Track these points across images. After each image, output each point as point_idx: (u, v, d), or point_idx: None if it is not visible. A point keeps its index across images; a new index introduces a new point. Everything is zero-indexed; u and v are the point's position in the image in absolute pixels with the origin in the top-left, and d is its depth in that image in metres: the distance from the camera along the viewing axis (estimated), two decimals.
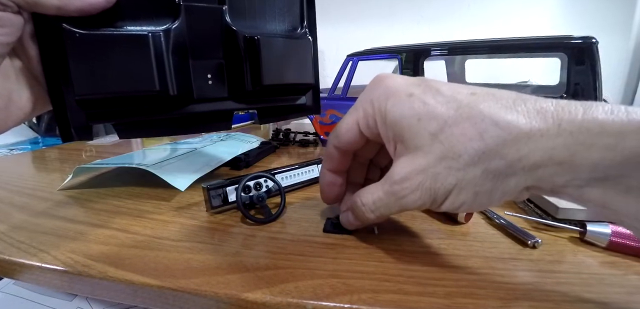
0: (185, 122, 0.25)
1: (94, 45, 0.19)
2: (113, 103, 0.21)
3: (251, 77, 0.24)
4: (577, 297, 0.18)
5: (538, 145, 0.15)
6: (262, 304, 0.18)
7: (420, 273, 0.20)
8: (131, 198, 0.34)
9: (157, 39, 0.20)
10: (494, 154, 0.16)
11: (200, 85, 0.24)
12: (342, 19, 0.96)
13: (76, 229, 0.27)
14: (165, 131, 0.25)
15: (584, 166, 0.14)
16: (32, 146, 0.66)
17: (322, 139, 0.55)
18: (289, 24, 0.27)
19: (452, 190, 0.17)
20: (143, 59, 0.20)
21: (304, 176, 0.35)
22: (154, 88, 0.20)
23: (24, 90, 0.20)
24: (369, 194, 0.21)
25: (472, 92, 0.17)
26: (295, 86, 0.28)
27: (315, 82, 0.29)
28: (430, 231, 0.26)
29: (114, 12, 0.20)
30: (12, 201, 0.34)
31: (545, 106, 0.15)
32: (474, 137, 0.16)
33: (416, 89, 0.18)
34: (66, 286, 0.22)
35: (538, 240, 0.23)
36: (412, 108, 0.18)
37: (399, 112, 0.18)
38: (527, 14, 0.86)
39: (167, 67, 0.21)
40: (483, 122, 0.16)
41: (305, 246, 0.24)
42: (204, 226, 0.27)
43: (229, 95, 0.25)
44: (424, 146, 0.17)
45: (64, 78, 0.20)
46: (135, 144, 0.65)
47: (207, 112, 0.25)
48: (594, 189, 0.14)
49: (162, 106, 0.23)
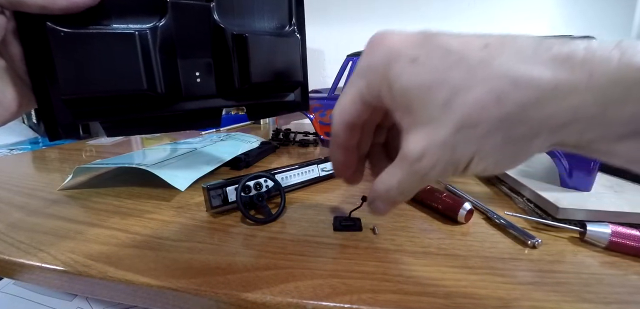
0: (174, 120, 0.25)
1: (79, 43, 0.19)
2: (100, 102, 0.21)
3: (239, 75, 0.24)
4: (577, 297, 0.18)
5: (565, 103, 0.13)
6: (262, 304, 0.18)
7: (420, 273, 0.20)
8: (131, 198, 0.34)
9: (144, 37, 0.20)
10: (515, 120, 0.14)
11: (189, 83, 0.23)
12: (342, 19, 0.96)
13: (76, 229, 0.27)
14: (154, 128, 0.25)
15: (617, 121, 0.13)
16: (32, 146, 0.66)
17: (322, 139, 0.55)
18: (277, 21, 0.27)
19: (472, 158, 0.16)
20: (130, 57, 0.20)
21: (304, 176, 0.35)
22: (141, 87, 0.20)
23: (9, 89, 0.19)
24: (391, 178, 0.18)
25: (485, 44, 0.15)
26: (283, 83, 0.28)
27: (303, 79, 0.29)
28: (430, 231, 0.26)
29: (99, 10, 0.19)
30: (12, 201, 0.34)
31: (574, 49, 0.13)
32: (491, 104, 0.14)
33: (421, 50, 0.16)
34: (66, 286, 0.22)
35: (538, 240, 0.23)
36: (419, 75, 0.16)
37: (406, 82, 0.16)
38: (527, 14, 0.86)
39: (154, 66, 0.21)
40: (500, 83, 0.14)
41: (305, 246, 0.24)
42: (204, 226, 0.27)
43: (218, 93, 0.25)
44: (436, 117, 0.15)
45: (50, 76, 0.19)
46: (135, 144, 0.65)
47: (196, 110, 0.25)
48: (625, 144, 0.13)
49: (150, 104, 0.22)
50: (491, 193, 0.34)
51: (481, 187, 0.36)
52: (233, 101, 0.26)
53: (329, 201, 0.32)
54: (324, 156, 0.39)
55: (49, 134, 0.21)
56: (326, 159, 0.38)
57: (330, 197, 0.33)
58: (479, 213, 0.29)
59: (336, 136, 0.21)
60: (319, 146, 0.57)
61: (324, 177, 0.37)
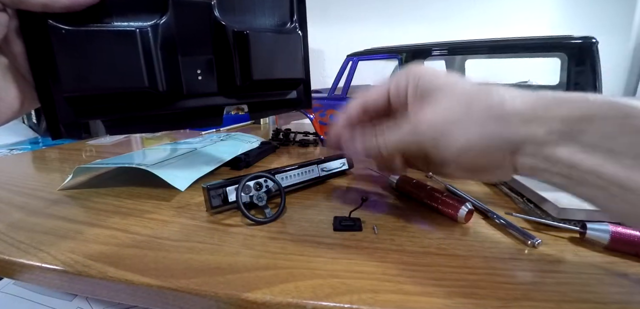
0: (175, 118, 0.25)
1: (80, 41, 0.19)
2: (102, 100, 0.21)
3: (241, 72, 0.24)
4: (577, 297, 0.18)
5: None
6: (262, 304, 0.18)
7: (420, 273, 0.20)
8: (131, 198, 0.34)
9: (145, 35, 0.20)
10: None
11: (190, 80, 0.23)
12: (342, 19, 0.96)
13: (76, 229, 0.27)
14: (155, 126, 0.25)
15: (556, 119, 0.16)
16: (32, 146, 0.66)
17: (322, 139, 0.55)
18: (278, 18, 0.27)
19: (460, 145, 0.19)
20: (131, 55, 0.20)
21: (304, 176, 0.35)
22: (142, 84, 0.20)
23: (12, 87, 0.19)
24: (393, 134, 0.23)
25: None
26: (285, 80, 0.27)
27: (305, 76, 0.29)
28: (430, 231, 0.26)
29: (100, 8, 0.19)
30: (12, 201, 0.34)
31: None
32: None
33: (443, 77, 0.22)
34: (66, 286, 0.22)
35: (538, 240, 0.23)
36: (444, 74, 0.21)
37: (432, 74, 0.21)
38: (527, 14, 0.86)
39: (155, 63, 0.21)
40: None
41: (305, 246, 0.24)
42: (204, 226, 0.27)
43: (219, 90, 0.25)
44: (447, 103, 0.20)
45: (52, 75, 0.19)
46: (135, 144, 0.65)
47: (197, 108, 0.24)
48: (563, 148, 0.16)
49: (152, 102, 0.22)
50: (491, 193, 0.34)
51: (481, 187, 0.36)
52: (235, 98, 0.26)
53: (329, 201, 0.32)
54: (324, 156, 0.39)
55: (52, 133, 0.21)
56: (326, 159, 0.38)
57: (330, 197, 0.33)
58: (479, 213, 0.29)
59: (347, 113, 0.26)
60: (319, 146, 0.57)
61: (324, 177, 0.37)
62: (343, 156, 0.40)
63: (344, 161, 0.40)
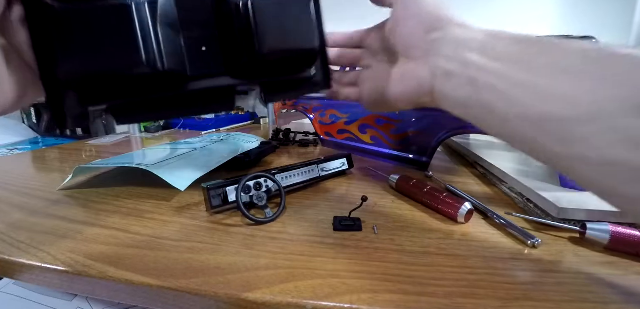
0: (184, 103, 0.23)
1: (74, 18, 0.18)
2: (103, 81, 0.20)
3: (246, 46, 0.22)
4: (577, 297, 0.18)
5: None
6: (262, 304, 0.18)
7: (420, 273, 0.20)
8: (131, 198, 0.34)
9: (141, 9, 0.19)
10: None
11: (194, 59, 0.22)
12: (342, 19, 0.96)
13: (76, 229, 0.27)
14: (163, 113, 0.24)
15: (481, 33, 0.20)
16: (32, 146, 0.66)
17: (322, 139, 0.55)
18: None
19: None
20: (127, 30, 0.19)
21: (304, 176, 0.35)
22: (140, 62, 0.19)
23: (8, 77, 0.19)
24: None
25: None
26: (297, 52, 0.24)
27: (320, 45, 0.26)
28: (430, 231, 0.26)
29: None
30: (12, 201, 0.34)
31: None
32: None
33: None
34: (66, 286, 0.22)
35: (538, 240, 0.23)
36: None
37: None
38: (527, 14, 0.86)
39: (153, 39, 0.20)
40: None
41: (305, 246, 0.24)
42: (204, 226, 0.27)
43: (226, 70, 0.23)
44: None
45: (54, 60, 0.19)
46: (135, 144, 0.65)
47: (206, 91, 0.23)
48: (475, 54, 0.19)
49: (155, 83, 0.21)
50: (491, 193, 0.34)
51: (481, 187, 0.36)
52: (244, 79, 0.24)
53: (328, 201, 0.32)
54: (324, 156, 0.39)
55: (58, 124, 0.20)
56: (326, 159, 0.38)
57: (330, 197, 0.33)
58: (479, 213, 0.29)
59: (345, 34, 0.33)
60: (319, 145, 0.57)
61: (324, 177, 0.37)
62: (343, 155, 0.40)
63: (344, 161, 0.40)
